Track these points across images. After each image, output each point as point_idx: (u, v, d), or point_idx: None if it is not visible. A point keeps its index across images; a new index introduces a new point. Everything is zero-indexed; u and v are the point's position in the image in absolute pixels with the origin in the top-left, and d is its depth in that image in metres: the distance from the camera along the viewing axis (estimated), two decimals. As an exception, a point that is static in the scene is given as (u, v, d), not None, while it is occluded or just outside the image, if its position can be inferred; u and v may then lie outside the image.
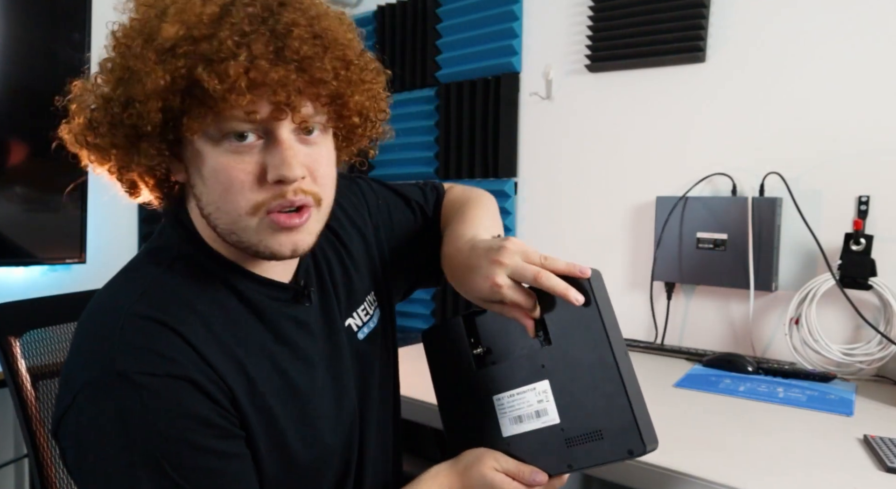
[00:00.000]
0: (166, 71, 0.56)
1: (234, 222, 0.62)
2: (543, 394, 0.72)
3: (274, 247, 0.63)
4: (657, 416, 0.71)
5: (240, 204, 0.61)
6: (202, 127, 0.59)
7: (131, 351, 0.58)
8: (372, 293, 0.87)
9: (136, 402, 0.56)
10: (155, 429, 0.57)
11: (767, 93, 1.52)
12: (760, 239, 1.48)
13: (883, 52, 1.38)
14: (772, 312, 1.52)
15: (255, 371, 0.65)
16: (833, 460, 0.91)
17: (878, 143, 1.39)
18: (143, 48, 0.57)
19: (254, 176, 0.61)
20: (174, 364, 0.58)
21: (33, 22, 1.74)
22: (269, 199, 0.61)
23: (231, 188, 0.60)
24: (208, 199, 0.63)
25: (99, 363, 0.58)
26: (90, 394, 0.58)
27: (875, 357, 1.33)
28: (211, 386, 0.60)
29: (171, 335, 0.59)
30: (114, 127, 0.60)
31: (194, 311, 0.63)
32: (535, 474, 0.72)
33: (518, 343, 0.75)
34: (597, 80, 1.78)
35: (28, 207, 1.76)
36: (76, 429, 0.59)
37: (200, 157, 0.61)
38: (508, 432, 0.75)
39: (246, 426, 0.64)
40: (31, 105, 1.76)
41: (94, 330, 0.62)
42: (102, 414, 0.57)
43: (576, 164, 1.84)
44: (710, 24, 1.59)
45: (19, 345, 0.95)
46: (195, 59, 0.56)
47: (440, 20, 2.07)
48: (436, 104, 2.10)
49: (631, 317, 1.72)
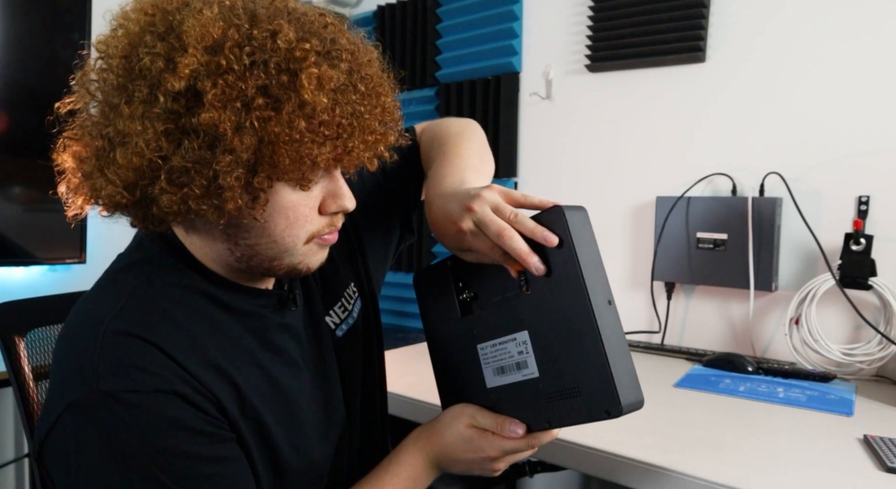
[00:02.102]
0: (329, 139, 0.58)
1: (286, 251, 0.64)
2: (523, 345, 0.68)
3: (312, 263, 0.67)
4: (657, 416, 0.71)
5: (300, 235, 0.63)
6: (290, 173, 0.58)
7: (114, 369, 0.56)
8: (351, 285, 0.85)
9: (125, 420, 0.55)
10: (147, 444, 0.56)
11: (767, 93, 1.52)
12: (760, 239, 1.48)
13: (883, 53, 1.38)
14: (772, 312, 1.52)
15: (241, 379, 0.64)
16: (833, 460, 0.91)
17: (878, 143, 1.39)
18: (292, 115, 0.55)
19: (315, 208, 0.64)
20: (158, 378, 0.57)
21: (33, 22, 1.74)
22: (324, 227, 0.65)
23: (296, 222, 0.62)
24: (261, 233, 0.62)
25: (81, 383, 0.56)
26: (75, 415, 0.56)
27: (875, 357, 1.33)
28: (196, 396, 0.59)
29: (151, 349, 0.58)
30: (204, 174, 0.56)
31: (175, 323, 0.61)
32: (514, 426, 0.70)
33: (502, 288, 0.70)
34: (597, 80, 1.78)
35: (28, 207, 1.76)
36: (63, 451, 0.57)
37: (275, 195, 0.60)
38: (492, 383, 0.72)
39: (236, 431, 0.64)
40: (31, 105, 1.76)
41: (73, 348, 0.60)
42: (90, 434, 0.56)
43: (576, 164, 1.84)
44: (710, 24, 1.59)
45: (24, 344, 0.95)
46: (349, 130, 0.59)
47: (440, 20, 2.07)
48: (436, 104, 2.10)
49: (631, 317, 1.72)
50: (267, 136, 0.55)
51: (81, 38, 1.79)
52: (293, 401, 0.70)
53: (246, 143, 0.54)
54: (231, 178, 0.55)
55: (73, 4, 1.79)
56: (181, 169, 0.54)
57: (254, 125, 0.54)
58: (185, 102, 0.54)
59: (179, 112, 0.54)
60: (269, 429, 0.66)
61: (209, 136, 0.54)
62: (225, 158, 0.54)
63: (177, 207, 0.56)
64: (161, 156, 0.54)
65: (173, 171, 0.55)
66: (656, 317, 1.68)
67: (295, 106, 0.55)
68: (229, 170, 0.54)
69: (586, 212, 0.65)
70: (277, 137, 0.55)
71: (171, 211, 0.56)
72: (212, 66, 0.53)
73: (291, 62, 0.55)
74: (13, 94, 1.71)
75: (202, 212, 0.56)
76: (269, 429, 0.66)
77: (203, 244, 0.65)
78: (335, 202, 0.64)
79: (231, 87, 0.54)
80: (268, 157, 0.56)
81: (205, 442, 0.59)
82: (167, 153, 0.54)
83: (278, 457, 0.67)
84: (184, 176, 0.55)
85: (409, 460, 0.73)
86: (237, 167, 0.55)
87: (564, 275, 0.63)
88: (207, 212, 0.56)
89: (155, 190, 0.56)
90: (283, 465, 0.68)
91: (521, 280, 0.67)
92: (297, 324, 0.74)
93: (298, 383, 0.72)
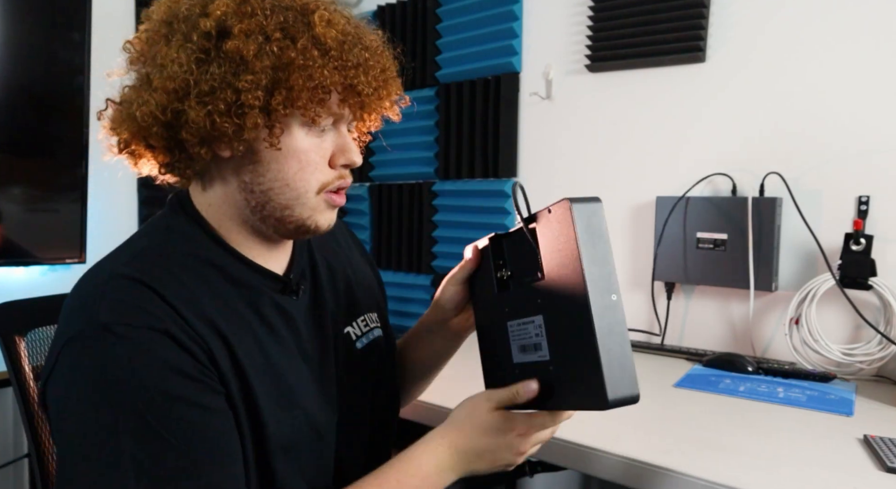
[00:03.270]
0: (336, 69, 0.66)
1: (298, 198, 0.69)
2: (539, 328, 0.70)
3: (321, 221, 0.72)
4: (657, 416, 0.71)
5: (311, 182, 0.69)
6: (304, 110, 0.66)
7: (112, 305, 0.61)
8: (375, 314, 0.90)
9: (117, 353, 0.58)
10: (136, 379, 0.58)
11: (767, 93, 1.52)
12: (760, 239, 1.48)
13: (883, 52, 1.38)
14: (772, 312, 1.52)
15: (235, 341, 0.66)
16: (833, 460, 0.91)
17: (878, 143, 1.39)
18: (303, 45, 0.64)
19: (325, 159, 0.70)
20: (153, 317, 0.61)
21: (33, 22, 1.74)
22: (334, 179, 0.71)
23: (308, 167, 0.69)
24: (275, 176, 0.68)
25: (82, 318, 0.61)
26: (73, 347, 0.60)
27: (875, 357, 1.33)
28: (189, 342, 0.62)
29: (151, 294, 0.62)
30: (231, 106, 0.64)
31: (178, 280, 0.65)
32: (526, 388, 0.70)
33: (530, 272, 0.72)
34: (597, 80, 1.78)
35: (28, 207, 1.76)
36: (60, 384, 0.60)
37: (287, 134, 0.67)
38: (517, 359, 0.74)
39: (225, 386, 0.65)
40: (31, 105, 1.76)
41: (79, 292, 0.65)
42: (84, 366, 0.59)
43: (576, 164, 1.84)
44: (710, 24, 1.59)
45: (24, 343, 0.95)
46: (354, 67, 0.67)
47: (440, 20, 2.07)
48: (436, 104, 2.10)
49: (631, 317, 1.72)
50: (283, 61, 0.63)
51: (81, 38, 1.80)
52: (284, 380, 0.71)
53: (265, 65, 0.63)
54: (251, 97, 0.63)
55: (73, 4, 1.80)
56: (208, 89, 0.63)
57: (273, 51, 0.63)
58: (215, 40, 0.63)
59: (209, 48, 0.63)
60: (256, 398, 0.67)
61: (234, 62, 0.63)
62: (246, 77, 0.63)
63: (202, 122, 0.63)
64: (192, 78, 0.63)
65: (201, 93, 0.63)
66: (656, 317, 1.68)
67: (308, 39, 0.65)
68: (249, 88, 0.63)
69: (600, 203, 0.66)
70: (292, 62, 0.63)
71: (198, 129, 0.64)
72: (239, 11, 0.64)
73: (305, 10, 0.66)
74: (13, 94, 1.71)
75: (224, 129, 0.64)
76: (256, 398, 0.67)
77: (221, 200, 0.71)
78: (344, 155, 0.71)
79: (255, 24, 0.63)
80: (283, 81, 0.64)
81: (192, 387, 0.61)
82: (197, 77, 0.63)
83: (264, 429, 0.67)
84: (210, 95, 0.63)
85: (419, 460, 0.71)
86: (257, 89, 0.63)
87: (571, 269, 0.65)
88: (229, 129, 0.64)
89: (185, 107, 0.63)
90: (266, 440, 0.68)
91: (539, 267, 0.70)
92: (294, 313, 0.76)
93: (292, 366, 0.73)
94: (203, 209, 0.72)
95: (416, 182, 2.17)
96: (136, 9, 2.05)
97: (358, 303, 0.87)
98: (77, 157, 1.82)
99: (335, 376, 0.79)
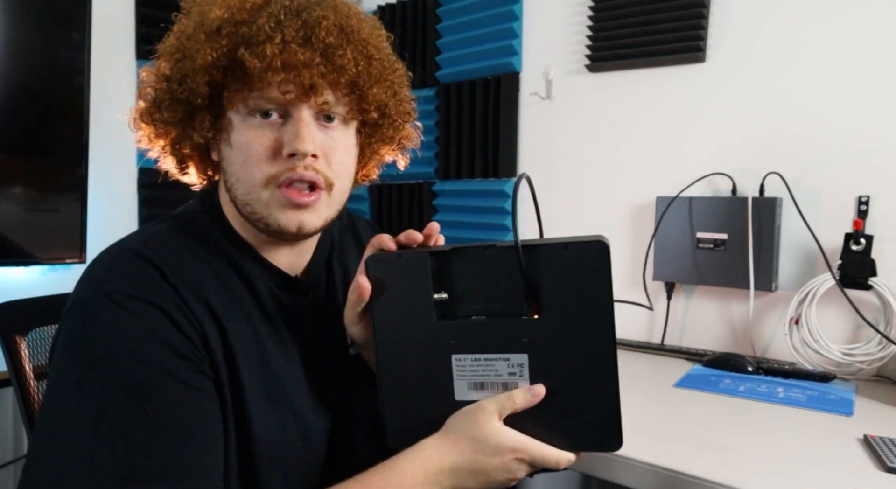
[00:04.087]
0: (213, 49, 0.64)
1: (249, 192, 0.68)
2: (518, 367, 0.64)
3: (281, 221, 0.68)
4: (657, 416, 0.71)
5: (255, 174, 0.67)
6: (237, 102, 0.66)
7: (115, 275, 0.63)
8: None
9: (113, 320, 0.60)
10: (127, 347, 0.59)
11: (767, 93, 1.52)
12: (760, 239, 1.48)
13: (883, 52, 1.38)
14: (772, 312, 1.52)
15: (232, 331, 0.66)
16: (833, 460, 0.91)
17: (878, 143, 1.39)
18: (194, 30, 0.66)
19: (270, 149, 0.67)
20: (151, 291, 0.62)
21: (33, 22, 1.74)
22: (281, 172, 0.67)
23: (249, 159, 0.67)
24: (231, 170, 0.69)
25: (88, 287, 0.63)
26: (76, 311, 0.62)
27: (875, 357, 1.33)
28: (184, 322, 0.62)
29: (153, 270, 0.63)
30: (173, 102, 0.68)
31: (185, 263, 0.66)
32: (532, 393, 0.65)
33: (499, 300, 0.64)
34: (597, 79, 1.78)
35: (28, 207, 1.76)
36: (60, 345, 0.62)
37: (231, 128, 0.68)
38: (462, 396, 0.66)
39: (215, 371, 0.65)
40: (31, 105, 1.76)
41: (93, 263, 0.66)
42: (83, 328, 0.61)
43: (576, 164, 1.84)
44: (710, 24, 1.59)
45: (25, 343, 0.95)
46: (237, 40, 0.64)
47: (440, 20, 2.07)
48: (436, 104, 2.10)
49: (631, 317, 1.72)
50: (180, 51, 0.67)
51: (81, 38, 1.80)
52: (277, 380, 0.70)
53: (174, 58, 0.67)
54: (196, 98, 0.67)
55: (73, 4, 1.79)
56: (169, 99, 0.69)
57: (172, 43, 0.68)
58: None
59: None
60: (244, 391, 0.66)
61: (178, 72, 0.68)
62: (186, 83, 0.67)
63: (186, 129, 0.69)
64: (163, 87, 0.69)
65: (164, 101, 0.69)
66: (658, 317, 1.68)
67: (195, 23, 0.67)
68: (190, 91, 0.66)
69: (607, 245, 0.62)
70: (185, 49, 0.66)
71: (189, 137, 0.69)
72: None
73: None
74: (13, 94, 1.71)
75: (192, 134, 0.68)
76: (244, 391, 0.66)
77: (227, 204, 0.73)
78: (289, 143, 0.66)
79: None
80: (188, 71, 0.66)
81: (179, 364, 0.61)
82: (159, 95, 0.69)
83: (248, 424, 0.66)
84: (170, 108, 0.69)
85: (407, 470, 0.65)
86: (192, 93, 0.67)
87: (594, 316, 0.62)
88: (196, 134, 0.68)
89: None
90: (252, 436, 0.67)
91: (527, 302, 0.63)
92: (302, 316, 0.75)
93: (289, 368, 0.72)
94: (224, 203, 0.74)
95: (416, 182, 2.17)
96: (136, 9, 2.05)
97: None
98: (77, 157, 1.82)
99: (336, 382, 0.79)
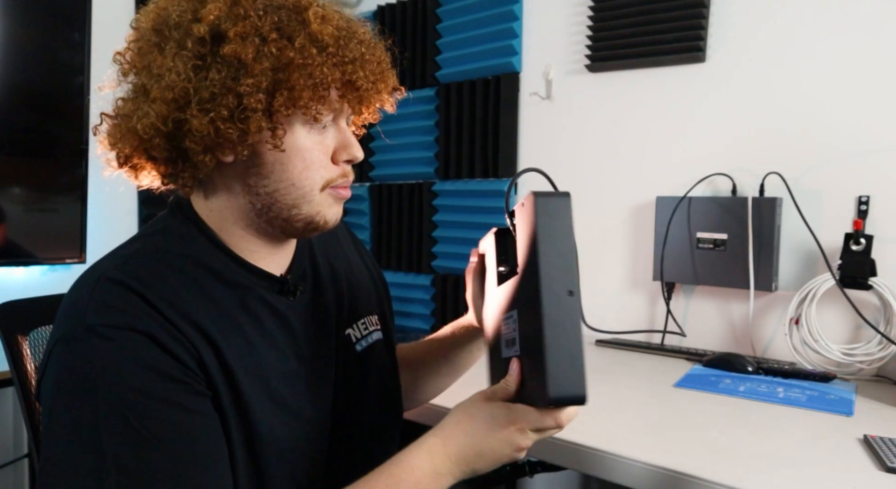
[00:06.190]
0: (335, 65, 0.66)
1: (304, 196, 0.69)
2: (515, 323, 0.69)
3: (329, 216, 0.72)
4: (657, 416, 0.71)
5: (315, 180, 0.69)
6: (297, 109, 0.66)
7: (97, 307, 0.61)
8: (376, 316, 0.90)
9: (100, 354, 0.59)
10: (117, 379, 0.59)
11: (767, 93, 1.52)
12: (760, 239, 1.48)
13: (883, 52, 1.38)
14: (772, 312, 1.52)
15: (225, 344, 0.66)
16: (833, 460, 0.91)
17: (878, 143, 1.39)
18: (303, 43, 0.65)
19: (328, 156, 0.71)
20: (136, 319, 0.61)
21: (33, 22, 1.74)
22: (337, 177, 0.71)
23: (312, 165, 0.69)
24: (280, 177, 0.68)
25: (70, 320, 0.62)
26: (61, 349, 0.61)
27: (875, 357, 1.33)
28: (173, 344, 0.62)
29: (136, 298, 0.62)
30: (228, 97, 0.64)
31: (166, 284, 0.65)
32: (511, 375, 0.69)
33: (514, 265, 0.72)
34: (597, 79, 1.78)
35: (28, 207, 1.76)
36: (48, 384, 0.61)
37: (292, 136, 0.67)
38: (504, 354, 0.73)
39: (214, 389, 0.65)
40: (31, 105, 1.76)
41: (72, 294, 0.65)
42: (70, 366, 0.60)
43: (576, 164, 1.84)
44: (710, 24, 1.59)
45: (27, 343, 0.95)
46: (351, 62, 0.67)
47: (440, 20, 2.07)
48: (436, 104, 2.10)
49: (631, 317, 1.72)
50: (282, 61, 0.63)
51: (81, 39, 1.80)
52: (273, 382, 0.71)
53: (264, 67, 0.63)
54: (253, 100, 0.63)
55: (73, 4, 1.80)
56: (209, 96, 0.63)
57: (271, 52, 0.63)
58: (210, 45, 0.63)
59: (205, 53, 0.63)
60: (246, 400, 0.67)
61: (232, 67, 0.63)
62: (247, 81, 0.62)
63: (206, 130, 0.63)
64: (192, 86, 0.62)
65: (202, 100, 0.63)
66: (657, 316, 1.68)
67: (305, 37, 0.64)
68: (251, 92, 0.63)
69: (567, 198, 0.65)
70: (291, 61, 0.63)
71: (202, 137, 0.63)
72: (232, 14, 0.63)
73: (298, 8, 0.66)
74: (13, 94, 1.71)
75: (229, 135, 0.63)
76: (246, 400, 0.67)
77: (224, 206, 0.71)
78: (346, 151, 0.71)
79: (250, 26, 0.63)
80: (284, 81, 0.64)
81: (174, 388, 0.61)
82: (196, 85, 0.62)
83: (254, 431, 0.67)
84: (211, 102, 0.63)
85: (413, 464, 0.68)
86: (258, 92, 0.63)
87: (530, 262, 0.65)
88: (233, 135, 0.64)
89: (187, 116, 0.63)
90: (259, 442, 0.67)
91: (516, 262, 0.69)
92: (290, 315, 0.75)
93: (284, 368, 0.73)
94: (204, 214, 0.72)
95: (416, 182, 2.17)
96: (136, 9, 2.05)
97: (359, 305, 0.87)
98: (77, 157, 1.82)
99: (333, 378, 0.79)
